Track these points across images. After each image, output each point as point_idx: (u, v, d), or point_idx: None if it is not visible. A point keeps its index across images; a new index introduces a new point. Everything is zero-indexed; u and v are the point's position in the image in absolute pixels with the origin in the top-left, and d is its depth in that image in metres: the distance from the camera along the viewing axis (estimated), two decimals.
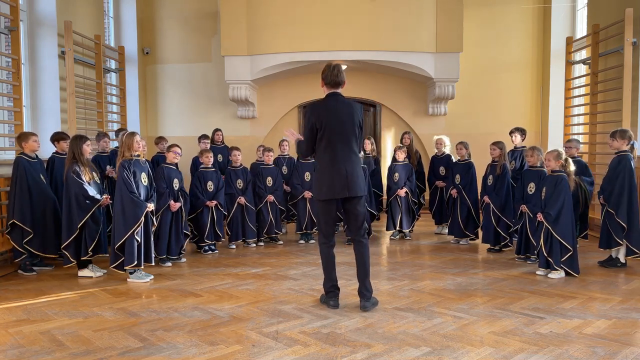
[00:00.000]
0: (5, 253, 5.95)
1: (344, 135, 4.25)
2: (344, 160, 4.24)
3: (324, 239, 4.42)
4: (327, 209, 4.36)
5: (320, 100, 4.35)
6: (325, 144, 4.26)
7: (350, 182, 4.24)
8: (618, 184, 5.61)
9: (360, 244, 4.37)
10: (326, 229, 4.41)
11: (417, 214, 7.70)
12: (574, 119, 9.24)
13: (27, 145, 5.67)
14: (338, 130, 4.23)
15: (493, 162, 6.72)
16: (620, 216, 5.58)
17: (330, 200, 4.31)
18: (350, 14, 8.82)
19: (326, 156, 4.28)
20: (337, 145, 4.24)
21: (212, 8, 9.92)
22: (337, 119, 4.23)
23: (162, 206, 5.94)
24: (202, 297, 4.77)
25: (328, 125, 4.22)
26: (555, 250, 5.29)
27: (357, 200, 4.33)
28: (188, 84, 10.26)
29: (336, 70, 4.26)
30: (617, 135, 5.71)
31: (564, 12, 9.60)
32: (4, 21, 6.56)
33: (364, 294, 4.31)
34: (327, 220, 4.40)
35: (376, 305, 4.36)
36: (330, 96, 4.30)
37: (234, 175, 7.10)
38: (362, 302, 4.30)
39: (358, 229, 4.38)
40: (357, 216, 4.36)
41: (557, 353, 3.40)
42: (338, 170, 4.23)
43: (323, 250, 4.42)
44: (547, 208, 5.32)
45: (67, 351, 3.49)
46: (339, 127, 4.23)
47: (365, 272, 4.34)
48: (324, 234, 4.42)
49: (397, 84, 10.07)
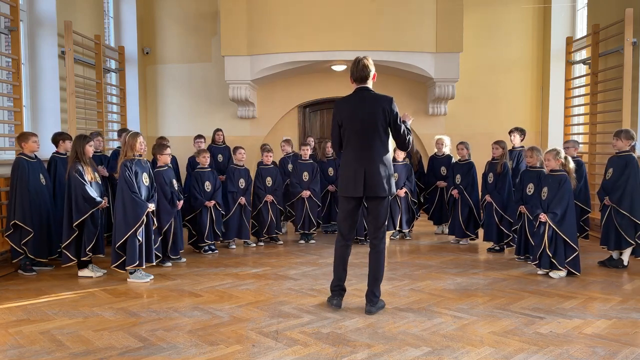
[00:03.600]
0: (5, 253, 5.95)
1: (365, 132, 4.13)
2: (362, 159, 4.14)
3: (339, 237, 4.34)
4: (345, 206, 4.28)
5: (347, 96, 4.27)
6: (347, 141, 4.21)
7: (369, 181, 4.12)
8: (630, 185, 5.60)
9: (374, 250, 4.26)
10: (343, 227, 4.32)
11: (417, 214, 7.70)
12: (574, 119, 9.24)
13: (27, 145, 5.68)
14: (358, 127, 4.14)
15: (493, 160, 6.72)
16: (637, 216, 5.57)
17: (347, 197, 4.24)
18: (350, 14, 8.81)
19: (347, 153, 4.23)
20: (357, 142, 4.16)
21: (212, 8, 9.92)
22: (358, 116, 4.13)
23: (175, 209, 6.01)
24: (202, 297, 4.76)
25: (349, 122, 4.16)
26: (559, 250, 5.28)
27: (378, 201, 4.19)
28: (188, 84, 10.25)
29: (361, 64, 4.13)
30: (622, 135, 5.70)
31: (564, 12, 9.60)
32: (4, 21, 6.56)
33: (372, 299, 4.23)
34: (345, 218, 4.30)
35: (382, 309, 4.29)
36: (357, 91, 4.21)
37: (237, 174, 7.09)
38: (368, 306, 4.23)
39: (375, 231, 4.26)
40: (376, 218, 4.23)
41: (557, 353, 3.40)
42: (355, 168, 4.15)
43: (336, 248, 4.35)
44: (552, 208, 5.29)
45: (67, 351, 3.49)
46: (359, 124, 4.13)
47: (376, 280, 4.23)
48: (340, 231, 4.35)
49: (397, 84, 10.06)
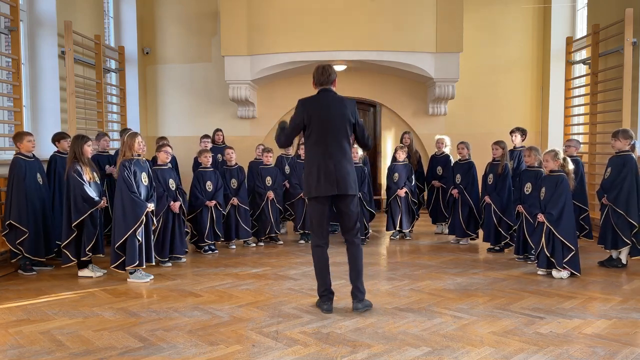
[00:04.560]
0: (5, 253, 5.95)
1: (334, 131, 4.16)
2: (332, 157, 4.13)
3: (316, 240, 4.27)
4: (318, 207, 4.23)
5: (312, 96, 4.30)
6: (314, 140, 4.19)
7: (340, 180, 4.12)
8: (627, 185, 5.61)
9: (352, 245, 4.26)
10: (318, 229, 4.27)
11: (417, 214, 7.71)
12: (574, 119, 9.24)
13: (22, 145, 5.67)
14: (328, 126, 4.15)
15: (493, 161, 6.72)
16: (632, 216, 5.58)
17: (319, 198, 4.18)
18: (350, 14, 8.82)
19: (315, 152, 4.19)
20: (327, 141, 4.15)
21: (212, 8, 9.92)
22: (328, 115, 4.16)
23: (162, 209, 5.93)
24: (202, 297, 4.76)
25: (318, 121, 4.16)
26: (557, 250, 5.28)
27: (350, 199, 4.21)
28: (188, 84, 10.26)
29: (322, 70, 4.24)
30: (620, 135, 5.71)
31: (564, 12, 9.60)
32: (4, 21, 6.56)
33: (357, 295, 4.20)
34: (319, 220, 4.25)
35: (370, 308, 4.25)
36: (322, 92, 4.26)
37: (229, 175, 7.10)
38: (355, 303, 4.20)
39: (350, 230, 4.26)
40: (350, 216, 4.23)
41: (557, 353, 3.40)
42: (326, 167, 4.12)
43: (315, 252, 4.26)
44: (549, 208, 5.30)
45: (67, 351, 3.49)
46: (329, 123, 4.15)
47: (358, 273, 4.21)
48: (316, 234, 4.29)
49: (397, 84, 10.07)
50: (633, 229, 5.61)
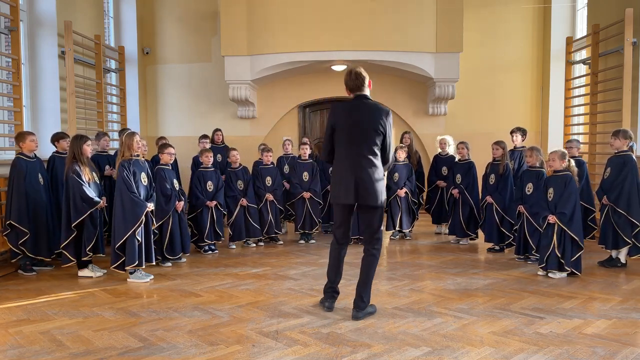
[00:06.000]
0: (5, 253, 5.95)
1: (359, 140, 4.05)
2: (355, 166, 4.05)
3: (334, 240, 4.36)
4: (338, 212, 4.28)
5: (345, 102, 4.23)
6: (340, 147, 4.15)
7: (361, 190, 4.04)
8: (627, 185, 5.61)
9: (367, 255, 4.18)
10: (337, 231, 4.31)
11: (417, 214, 7.71)
12: (574, 119, 9.24)
13: (25, 145, 5.67)
14: (353, 133, 4.06)
15: (494, 161, 6.72)
16: (635, 216, 5.58)
17: (339, 204, 4.20)
18: (350, 13, 8.81)
19: (339, 159, 4.16)
20: (351, 149, 4.07)
21: (212, 8, 9.92)
22: (354, 123, 4.06)
23: (171, 208, 5.99)
24: (202, 297, 4.76)
25: (344, 127, 4.10)
26: (567, 250, 5.28)
27: (371, 211, 4.12)
28: (188, 84, 10.25)
29: (354, 73, 4.12)
30: (620, 135, 5.71)
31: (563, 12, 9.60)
32: (4, 21, 6.56)
33: (359, 304, 4.14)
34: (339, 224, 4.29)
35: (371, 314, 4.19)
36: (355, 99, 4.16)
37: (234, 177, 7.09)
38: (354, 311, 4.12)
39: (368, 239, 4.20)
40: (369, 226, 4.17)
41: (557, 353, 3.40)
42: (347, 175, 4.06)
43: (331, 248, 4.36)
44: (560, 208, 5.29)
45: (67, 351, 3.49)
46: (354, 130, 4.05)
47: (365, 285, 4.15)
48: (335, 233, 4.35)
49: (397, 84, 10.06)
50: (634, 229, 5.61)
